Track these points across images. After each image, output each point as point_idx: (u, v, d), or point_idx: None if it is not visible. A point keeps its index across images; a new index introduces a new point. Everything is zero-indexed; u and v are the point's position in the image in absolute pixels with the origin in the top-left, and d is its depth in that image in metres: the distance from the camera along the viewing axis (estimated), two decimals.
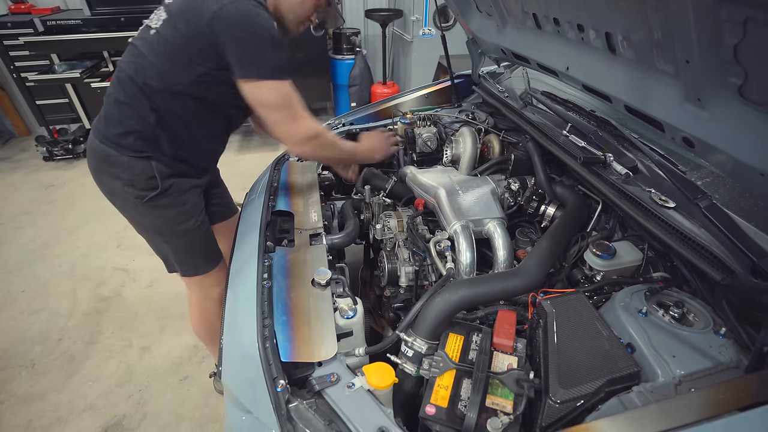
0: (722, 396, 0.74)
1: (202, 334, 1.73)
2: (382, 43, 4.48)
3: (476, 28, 1.86)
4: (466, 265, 1.24)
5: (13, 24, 3.76)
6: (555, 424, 0.80)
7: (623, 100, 1.18)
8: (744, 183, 0.97)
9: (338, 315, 1.07)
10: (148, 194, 1.28)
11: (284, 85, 1.15)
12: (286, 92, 1.17)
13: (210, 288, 1.57)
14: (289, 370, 0.93)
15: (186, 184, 1.37)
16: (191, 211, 1.39)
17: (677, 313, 0.95)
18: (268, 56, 1.11)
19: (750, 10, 0.70)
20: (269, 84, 1.14)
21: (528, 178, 1.53)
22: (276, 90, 1.15)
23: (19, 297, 2.52)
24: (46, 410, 1.89)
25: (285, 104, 1.18)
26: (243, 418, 0.88)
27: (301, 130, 1.23)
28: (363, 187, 1.71)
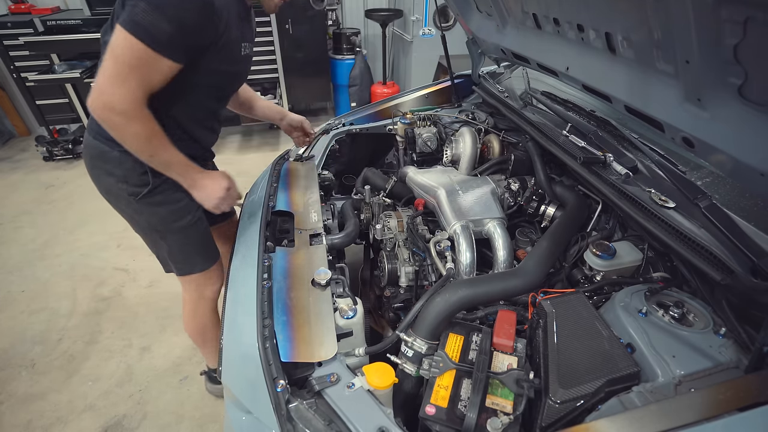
0: (722, 396, 0.74)
1: (194, 335, 1.70)
2: (382, 43, 4.48)
3: (476, 28, 1.86)
4: (466, 265, 1.24)
5: (13, 24, 3.75)
6: (555, 424, 0.80)
7: (623, 100, 1.18)
8: (744, 183, 0.97)
9: (338, 315, 1.07)
10: (141, 191, 1.26)
11: (140, 45, 0.97)
12: (134, 52, 0.98)
13: (205, 287, 1.55)
14: (289, 370, 0.93)
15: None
16: (186, 207, 1.35)
17: (677, 313, 0.95)
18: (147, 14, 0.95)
19: (750, 10, 0.70)
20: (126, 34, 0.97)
21: (528, 178, 1.53)
22: (127, 42, 0.97)
23: (19, 297, 2.52)
24: (46, 410, 1.89)
25: (123, 61, 0.99)
26: (243, 418, 0.88)
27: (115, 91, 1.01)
28: (363, 187, 1.72)
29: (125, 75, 1.00)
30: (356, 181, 1.91)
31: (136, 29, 0.96)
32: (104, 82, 1.00)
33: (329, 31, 4.52)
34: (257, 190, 1.56)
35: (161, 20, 0.96)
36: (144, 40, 0.97)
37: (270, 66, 4.28)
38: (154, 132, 1.09)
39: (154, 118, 1.09)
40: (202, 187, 1.24)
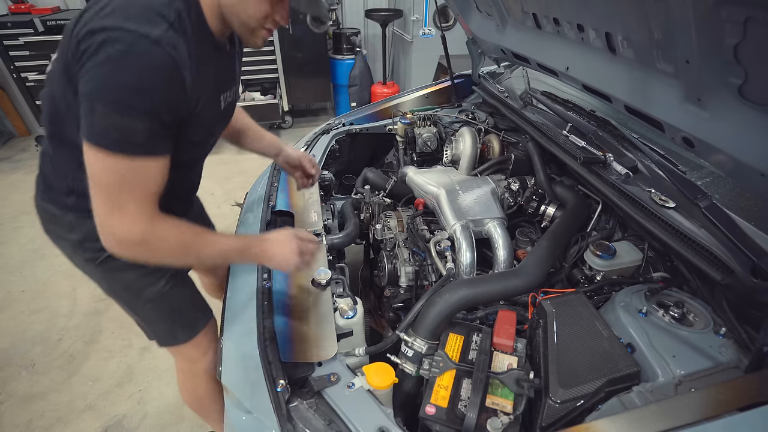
0: (722, 396, 0.74)
1: (192, 406, 1.49)
2: (382, 43, 4.48)
3: (476, 28, 1.86)
4: (466, 265, 1.24)
5: (13, 24, 3.75)
6: (555, 424, 0.80)
7: (623, 100, 1.18)
8: (744, 183, 0.97)
9: (338, 315, 1.07)
10: (100, 255, 1.05)
11: (117, 159, 0.76)
12: (110, 170, 0.78)
13: (195, 360, 1.29)
14: (289, 370, 0.93)
15: None
16: (159, 270, 1.11)
17: (677, 313, 0.95)
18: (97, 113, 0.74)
19: (750, 10, 0.70)
20: (96, 152, 0.77)
21: (528, 178, 1.53)
22: (102, 162, 0.77)
23: (19, 297, 2.52)
24: (46, 410, 1.89)
25: (106, 184, 0.79)
26: (243, 418, 0.88)
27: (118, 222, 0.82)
28: (363, 187, 1.71)
29: (119, 200, 0.80)
30: (356, 181, 1.91)
31: (105, 141, 0.75)
32: (103, 218, 0.83)
33: (329, 31, 4.52)
34: (257, 190, 1.56)
35: (128, 118, 0.75)
36: (120, 151, 0.76)
37: (270, 66, 4.28)
38: (186, 235, 0.91)
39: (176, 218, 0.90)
40: (271, 257, 1.02)
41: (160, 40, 0.76)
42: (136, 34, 0.74)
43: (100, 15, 0.77)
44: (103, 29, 0.74)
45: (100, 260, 1.06)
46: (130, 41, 0.74)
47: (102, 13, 0.77)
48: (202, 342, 1.27)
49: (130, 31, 0.74)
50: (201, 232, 0.93)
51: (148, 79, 0.75)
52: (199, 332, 1.25)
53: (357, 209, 1.66)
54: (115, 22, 0.75)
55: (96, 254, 1.05)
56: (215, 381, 1.34)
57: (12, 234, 3.10)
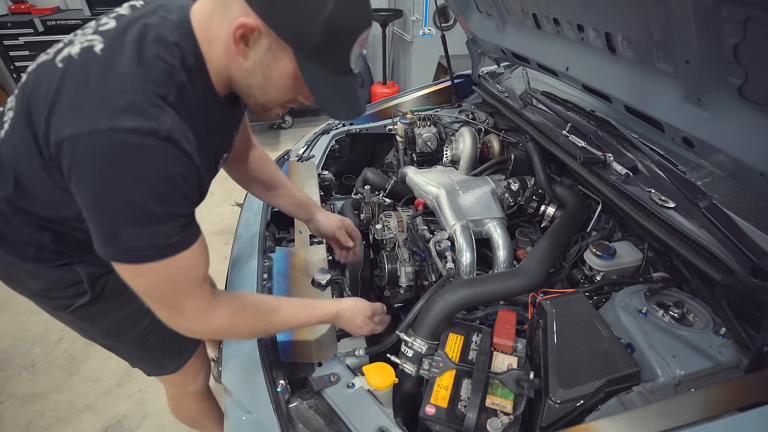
0: (722, 396, 0.74)
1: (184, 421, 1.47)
2: (382, 43, 4.48)
3: (476, 28, 1.86)
4: (466, 265, 1.24)
5: (13, 24, 3.75)
6: (555, 424, 0.80)
7: (623, 100, 1.18)
8: (744, 183, 0.97)
9: None
10: (73, 302, 0.93)
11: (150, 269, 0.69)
12: (160, 278, 0.71)
13: (185, 385, 1.25)
14: (289, 370, 0.93)
15: None
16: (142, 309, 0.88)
17: (677, 313, 0.95)
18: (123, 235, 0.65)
19: (750, 10, 0.70)
20: (134, 268, 0.69)
21: (528, 178, 1.53)
22: (140, 275, 0.70)
23: (19, 297, 2.50)
24: (46, 410, 1.89)
25: (158, 295, 0.74)
26: (243, 418, 0.88)
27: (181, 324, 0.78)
28: (363, 187, 1.71)
29: (176, 304, 0.75)
30: (356, 181, 1.91)
31: (143, 256, 0.67)
32: (170, 322, 0.77)
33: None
34: None
35: (157, 226, 0.67)
36: (161, 257, 0.68)
37: None
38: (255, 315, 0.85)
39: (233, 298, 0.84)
40: (346, 321, 0.98)
41: (170, 135, 0.63)
42: (140, 134, 0.60)
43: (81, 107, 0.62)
44: (93, 132, 0.59)
45: (73, 308, 0.94)
46: (137, 145, 0.60)
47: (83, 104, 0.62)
48: (192, 369, 1.21)
49: (131, 130, 0.60)
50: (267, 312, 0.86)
51: (169, 186, 0.65)
52: (189, 360, 1.19)
53: (357, 209, 1.66)
54: (110, 122, 0.60)
55: (67, 301, 0.94)
56: (206, 399, 1.36)
57: None
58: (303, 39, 0.67)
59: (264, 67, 0.71)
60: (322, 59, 0.69)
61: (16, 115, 0.73)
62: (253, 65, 0.71)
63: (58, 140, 0.62)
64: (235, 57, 0.70)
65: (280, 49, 0.69)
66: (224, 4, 0.68)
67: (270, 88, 0.75)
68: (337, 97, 0.77)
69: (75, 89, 0.64)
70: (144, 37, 0.67)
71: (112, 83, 0.63)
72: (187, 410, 1.37)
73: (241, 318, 0.83)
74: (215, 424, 1.47)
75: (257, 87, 0.75)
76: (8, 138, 0.75)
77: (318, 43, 0.67)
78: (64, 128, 0.62)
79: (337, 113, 0.83)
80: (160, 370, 1.18)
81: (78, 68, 0.66)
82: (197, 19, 0.71)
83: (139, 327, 1.04)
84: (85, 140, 0.60)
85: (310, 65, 0.70)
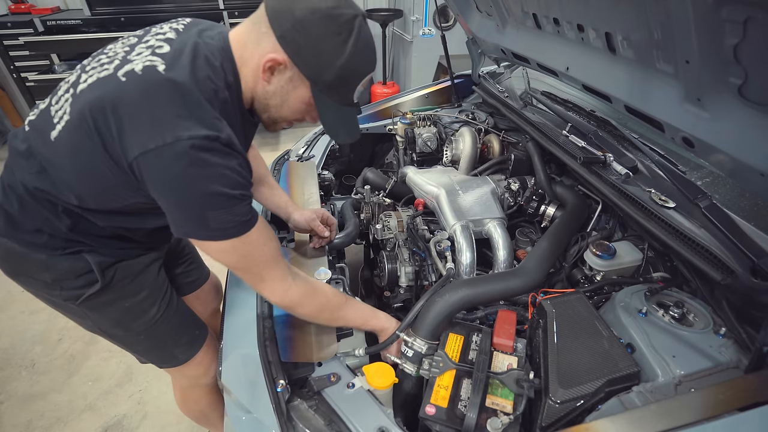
0: (722, 396, 0.74)
1: (192, 416, 1.47)
2: (382, 43, 4.47)
3: (476, 28, 1.86)
4: (466, 265, 1.24)
5: (13, 24, 3.75)
6: (555, 424, 0.80)
7: (623, 100, 1.18)
8: (744, 183, 0.97)
9: None
10: (84, 292, 0.97)
11: (238, 243, 0.82)
12: (241, 252, 0.84)
13: (198, 377, 1.27)
14: (289, 370, 0.93)
15: (137, 265, 1.03)
16: (150, 298, 1.06)
17: (677, 313, 0.95)
18: (210, 219, 0.78)
19: (750, 10, 0.70)
20: (217, 245, 0.82)
21: (528, 178, 1.53)
22: (227, 252, 0.83)
23: (19, 297, 2.52)
24: (46, 410, 1.89)
25: (242, 266, 0.87)
26: (243, 418, 0.88)
27: (270, 293, 0.92)
28: (363, 187, 1.71)
29: (259, 273, 0.88)
30: (356, 181, 1.91)
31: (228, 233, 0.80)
32: (259, 290, 0.94)
33: None
34: None
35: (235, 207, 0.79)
36: (239, 233, 0.81)
37: None
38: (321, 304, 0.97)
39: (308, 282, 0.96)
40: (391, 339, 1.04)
41: (230, 140, 0.78)
42: (209, 139, 0.74)
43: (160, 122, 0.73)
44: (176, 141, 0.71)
45: (83, 298, 0.98)
46: (209, 147, 0.74)
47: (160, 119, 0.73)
48: (204, 358, 1.23)
49: (203, 137, 0.73)
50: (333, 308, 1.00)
51: (237, 175, 0.79)
52: (200, 349, 1.21)
53: (357, 209, 1.66)
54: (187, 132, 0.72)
55: (77, 291, 0.97)
56: (216, 391, 1.37)
57: None
58: (320, 77, 0.83)
59: (284, 93, 0.87)
60: (332, 93, 0.86)
61: (73, 120, 0.80)
62: (275, 89, 0.87)
63: (142, 151, 0.73)
64: (261, 81, 0.86)
65: (300, 80, 0.85)
66: (257, 38, 0.83)
67: (285, 109, 0.91)
68: (339, 123, 0.95)
69: (150, 106, 0.74)
70: (196, 60, 0.80)
71: (183, 101, 0.75)
72: (197, 403, 1.38)
73: (312, 301, 0.96)
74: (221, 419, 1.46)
75: (274, 106, 0.91)
76: (63, 139, 0.82)
77: (331, 82, 0.83)
78: (147, 142, 0.72)
79: (338, 136, 1.01)
80: (172, 361, 1.19)
81: (146, 86, 0.75)
82: (236, 46, 0.86)
83: (147, 315, 1.07)
84: (170, 149, 0.72)
85: (322, 97, 0.86)
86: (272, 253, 0.89)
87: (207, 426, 1.53)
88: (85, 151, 0.79)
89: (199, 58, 0.80)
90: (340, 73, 0.82)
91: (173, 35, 0.85)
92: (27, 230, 0.91)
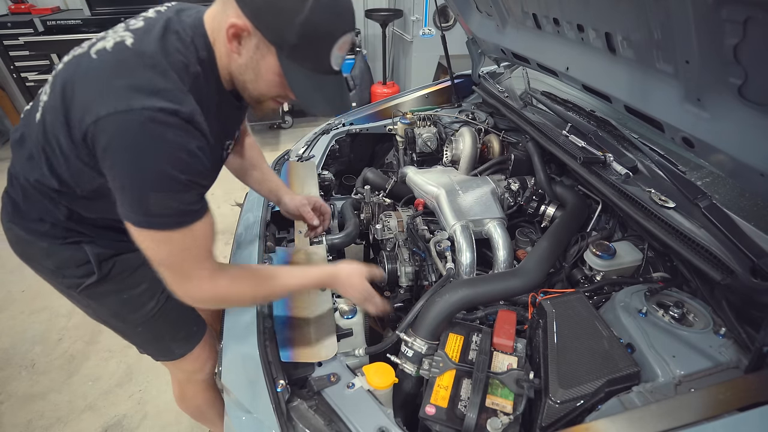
0: (722, 396, 0.74)
1: (189, 412, 1.47)
2: (382, 43, 4.48)
3: (476, 28, 1.86)
4: (466, 265, 1.24)
5: (13, 24, 3.75)
6: (555, 424, 0.80)
7: (623, 100, 1.18)
8: (744, 183, 0.97)
9: (338, 315, 1.07)
10: (83, 282, 0.99)
11: (170, 236, 0.76)
12: (170, 246, 0.78)
13: (194, 372, 1.27)
14: (289, 370, 0.93)
15: (136, 259, 0.99)
16: (148, 291, 1.05)
17: (677, 313, 0.95)
18: (152, 202, 0.73)
19: (750, 10, 0.70)
20: (152, 234, 0.76)
21: (528, 178, 1.53)
22: (157, 243, 0.77)
23: (19, 297, 2.52)
24: (46, 410, 1.89)
25: (172, 262, 0.81)
26: (243, 418, 0.88)
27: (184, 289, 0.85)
28: (363, 187, 1.71)
29: (183, 270, 0.82)
30: (356, 181, 1.91)
31: (165, 223, 0.75)
32: (174, 287, 0.84)
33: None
34: None
35: (180, 195, 0.75)
36: (180, 226, 0.76)
37: None
38: (254, 281, 0.92)
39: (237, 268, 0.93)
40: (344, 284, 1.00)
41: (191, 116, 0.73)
42: (166, 112, 0.70)
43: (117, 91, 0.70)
44: (129, 111, 0.68)
45: (82, 287, 0.99)
46: (164, 122, 0.70)
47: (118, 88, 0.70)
48: (201, 354, 1.22)
49: (159, 109, 0.70)
50: (266, 277, 0.93)
51: (191, 157, 0.74)
52: (197, 345, 1.21)
53: (357, 209, 1.66)
54: (142, 103, 0.69)
55: (77, 281, 0.99)
56: (213, 388, 1.37)
57: None
58: (283, 40, 0.75)
59: (254, 64, 0.80)
60: (301, 59, 0.78)
61: (50, 100, 0.81)
62: (246, 62, 0.81)
63: (94, 119, 0.70)
64: (232, 54, 0.80)
65: (266, 48, 0.77)
66: (224, 7, 0.78)
67: (260, 83, 0.84)
68: (316, 94, 0.85)
69: (109, 76, 0.72)
70: (166, 34, 0.78)
71: (144, 72, 0.72)
72: (194, 400, 1.38)
73: (242, 284, 0.90)
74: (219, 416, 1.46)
75: (250, 82, 0.84)
76: (42, 120, 0.83)
77: (295, 44, 0.75)
78: (100, 109, 0.70)
79: (315, 107, 0.88)
80: (168, 355, 1.19)
81: (111, 59, 0.75)
82: (208, 21, 0.82)
83: (144, 309, 1.07)
84: (122, 117, 0.69)
85: (291, 64, 0.78)
86: (209, 250, 0.84)
87: (205, 423, 1.53)
88: (55, 129, 0.79)
89: (170, 33, 0.78)
90: (301, 31, 0.73)
91: (152, 14, 0.84)
92: (31, 219, 0.94)
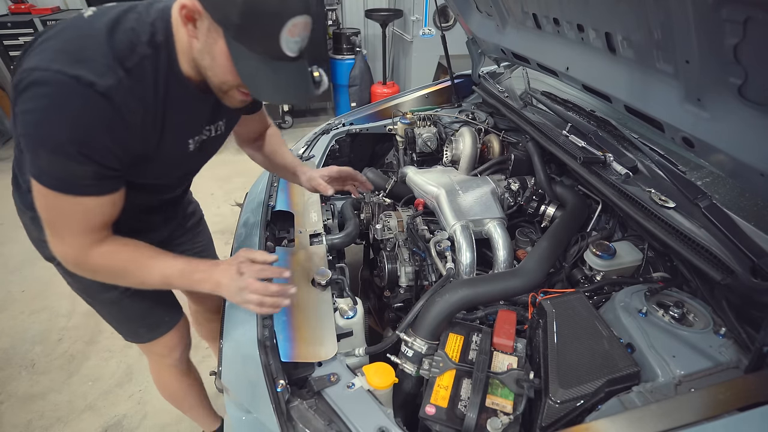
0: (722, 396, 0.74)
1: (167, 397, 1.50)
2: (382, 43, 4.48)
3: (476, 28, 1.86)
4: (466, 265, 1.24)
5: (13, 24, 3.76)
6: (555, 424, 0.80)
7: (623, 100, 1.18)
8: (744, 183, 0.97)
9: (338, 315, 1.07)
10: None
11: (54, 197, 0.77)
12: (52, 205, 0.80)
13: (162, 356, 1.31)
14: (289, 370, 0.93)
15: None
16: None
17: (677, 313, 0.95)
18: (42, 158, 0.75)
19: (750, 10, 0.70)
20: (39, 187, 0.78)
21: (528, 178, 1.53)
22: (42, 197, 0.79)
23: (19, 297, 2.52)
24: (46, 410, 1.89)
25: (47, 218, 0.83)
26: (243, 418, 0.88)
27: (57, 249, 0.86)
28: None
29: (58, 230, 0.83)
30: None
31: (52, 182, 0.76)
32: (48, 240, 0.85)
33: (329, 31, 4.52)
34: (257, 189, 1.56)
35: (74, 164, 0.74)
36: (65, 192, 0.77)
37: None
38: (124, 262, 0.88)
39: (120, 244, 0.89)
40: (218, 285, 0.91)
41: (107, 92, 0.72)
42: (79, 82, 0.70)
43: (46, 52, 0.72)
44: (47, 70, 0.70)
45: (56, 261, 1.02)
46: (72, 90, 0.70)
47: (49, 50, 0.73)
48: (169, 342, 1.26)
49: (72, 77, 0.70)
50: (141, 259, 0.89)
51: (88, 131, 0.73)
52: (165, 333, 1.24)
53: (357, 209, 1.66)
54: (60, 66, 0.70)
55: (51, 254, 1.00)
56: (186, 375, 1.43)
57: (12, 234, 3.10)
58: (227, 20, 0.72)
59: (209, 49, 0.77)
60: (249, 42, 0.73)
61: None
62: (202, 46, 0.77)
63: (22, 69, 0.72)
64: (192, 39, 0.78)
65: (215, 30, 0.74)
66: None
67: (216, 69, 0.79)
68: (265, 80, 0.78)
69: (49, 38, 0.75)
70: (126, 14, 0.78)
71: (78, 40, 0.74)
72: (170, 386, 1.42)
73: (117, 258, 0.88)
74: (197, 405, 1.53)
75: (208, 68, 0.80)
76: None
77: (240, 25, 0.71)
78: (29, 61, 0.72)
79: (262, 94, 0.81)
80: (135, 337, 1.24)
81: (62, 25, 0.78)
82: (175, 8, 0.79)
83: (106, 294, 1.11)
84: (40, 74, 0.70)
85: (237, 46, 0.74)
86: (95, 226, 0.83)
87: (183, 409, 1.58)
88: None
89: (130, 13, 0.79)
90: (244, 9, 0.69)
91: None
92: (23, 190, 0.99)
